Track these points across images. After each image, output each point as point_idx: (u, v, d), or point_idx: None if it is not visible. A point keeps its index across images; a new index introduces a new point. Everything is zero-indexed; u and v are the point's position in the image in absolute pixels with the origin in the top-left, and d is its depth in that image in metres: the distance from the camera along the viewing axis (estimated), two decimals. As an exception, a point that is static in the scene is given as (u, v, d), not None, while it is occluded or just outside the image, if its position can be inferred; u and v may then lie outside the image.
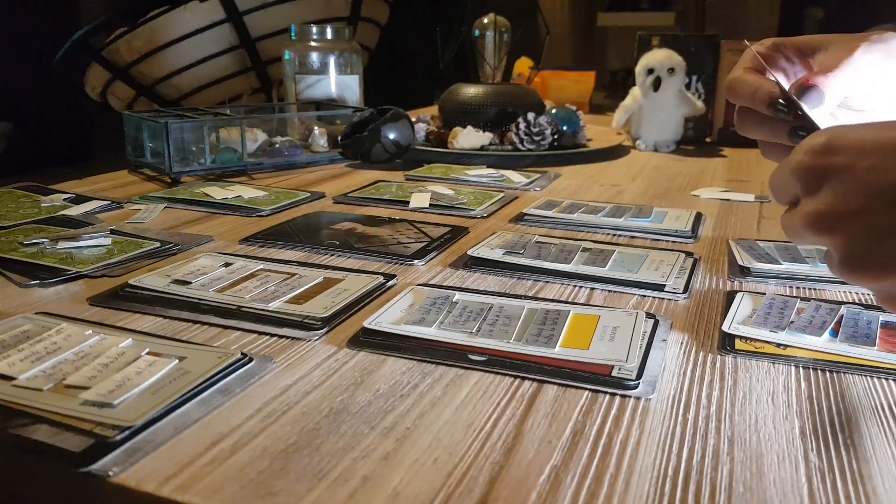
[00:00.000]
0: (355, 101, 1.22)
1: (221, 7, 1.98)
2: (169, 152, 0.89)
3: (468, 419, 0.36)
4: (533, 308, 0.49)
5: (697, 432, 0.35)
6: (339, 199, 0.83)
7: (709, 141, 1.28)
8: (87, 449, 0.32)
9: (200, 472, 0.31)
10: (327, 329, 0.46)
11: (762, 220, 0.76)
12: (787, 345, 0.44)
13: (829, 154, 0.34)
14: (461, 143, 1.10)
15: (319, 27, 1.20)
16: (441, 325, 0.46)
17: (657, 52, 1.15)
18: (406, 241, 0.65)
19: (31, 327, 0.45)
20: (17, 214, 0.73)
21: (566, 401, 0.38)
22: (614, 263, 0.59)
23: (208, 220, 0.74)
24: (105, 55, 2.08)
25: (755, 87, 0.44)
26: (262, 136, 1.06)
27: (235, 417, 0.36)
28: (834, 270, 0.35)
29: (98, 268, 0.57)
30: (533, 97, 1.20)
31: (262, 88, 2.14)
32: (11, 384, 0.37)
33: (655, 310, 0.51)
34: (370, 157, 0.99)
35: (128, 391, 0.36)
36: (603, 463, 0.32)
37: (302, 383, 0.39)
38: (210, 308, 0.49)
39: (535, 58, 1.56)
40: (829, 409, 0.37)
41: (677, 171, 1.03)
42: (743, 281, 0.57)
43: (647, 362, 0.42)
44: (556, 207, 0.77)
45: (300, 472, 0.31)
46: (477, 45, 1.24)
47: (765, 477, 0.31)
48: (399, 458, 0.32)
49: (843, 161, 0.33)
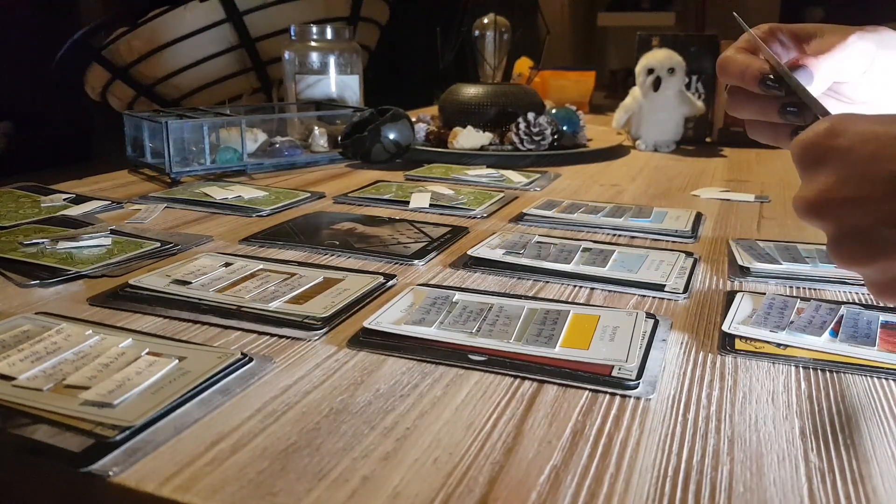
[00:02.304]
0: (355, 101, 1.22)
1: (221, 7, 1.98)
2: (169, 152, 0.89)
3: (468, 419, 0.36)
4: (533, 308, 0.49)
5: (697, 432, 0.35)
6: (339, 199, 0.83)
7: (709, 141, 1.28)
8: (87, 449, 0.32)
9: (200, 472, 0.31)
10: (327, 329, 0.46)
11: (762, 220, 0.76)
12: (787, 345, 0.44)
13: (833, 137, 0.34)
14: (461, 143, 1.10)
15: (319, 27, 1.20)
16: (441, 325, 0.46)
17: (657, 52, 1.15)
18: (406, 241, 0.65)
19: (31, 327, 0.45)
20: (17, 214, 0.73)
21: (566, 401, 0.38)
22: (614, 263, 0.59)
23: (208, 220, 0.74)
24: (105, 55, 2.08)
25: (745, 66, 0.44)
26: (262, 136, 1.06)
27: (235, 417, 0.36)
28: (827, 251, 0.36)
29: (98, 268, 0.57)
30: (533, 97, 1.20)
31: (262, 88, 2.14)
32: (11, 384, 0.37)
33: (655, 310, 0.51)
34: (370, 157, 0.99)
35: (128, 391, 0.36)
36: (603, 463, 0.32)
37: (302, 383, 0.39)
38: (210, 308, 0.49)
39: (535, 58, 1.56)
40: (829, 409, 0.37)
41: (677, 171, 1.03)
42: (743, 281, 0.57)
43: (647, 362, 0.42)
44: (556, 207, 0.77)
45: (300, 472, 0.31)
46: (477, 45, 1.24)
47: (765, 477, 0.31)
48: (399, 458, 0.32)
49: (845, 144, 0.34)
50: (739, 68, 0.45)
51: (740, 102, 0.46)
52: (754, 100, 0.45)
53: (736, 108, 0.47)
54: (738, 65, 0.45)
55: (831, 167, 0.34)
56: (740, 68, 0.45)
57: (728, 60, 0.46)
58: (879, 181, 0.32)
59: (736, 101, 0.46)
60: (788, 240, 0.67)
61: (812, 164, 0.35)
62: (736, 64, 0.45)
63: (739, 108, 0.46)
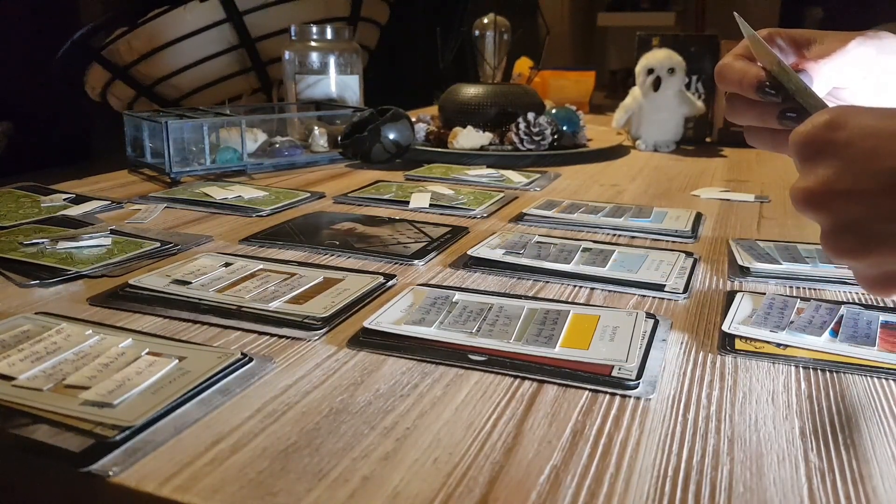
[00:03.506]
0: (355, 101, 1.22)
1: (221, 7, 1.98)
2: (169, 152, 0.89)
3: (468, 419, 0.36)
4: (533, 308, 0.49)
5: (697, 432, 0.35)
6: (339, 199, 0.83)
7: (709, 141, 1.28)
8: (87, 449, 0.32)
9: (200, 472, 0.31)
10: (327, 329, 0.46)
11: (762, 220, 0.76)
12: (787, 345, 0.44)
13: (833, 130, 0.34)
14: (461, 143, 1.10)
15: (319, 27, 1.20)
16: (441, 325, 0.46)
17: (657, 52, 1.15)
18: (406, 241, 0.65)
19: (31, 327, 0.45)
20: (17, 214, 0.73)
21: (566, 401, 0.38)
22: (614, 263, 0.59)
23: (208, 220, 0.74)
24: (105, 55, 2.08)
25: (743, 73, 0.44)
26: (262, 136, 1.06)
27: (235, 417, 0.36)
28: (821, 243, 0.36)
29: (98, 268, 0.57)
30: (533, 97, 1.20)
31: (262, 88, 2.14)
32: (11, 384, 0.37)
33: (655, 310, 0.51)
34: (370, 157, 0.99)
35: (128, 391, 0.36)
36: (603, 463, 0.32)
37: (302, 383, 0.39)
38: (210, 308, 0.49)
39: (535, 58, 1.56)
40: (829, 409, 0.37)
41: (677, 171, 1.03)
42: (743, 281, 0.57)
43: (647, 362, 0.42)
44: (556, 207, 0.77)
45: (300, 472, 0.31)
46: (477, 45, 1.24)
47: (765, 477, 0.31)
48: (399, 458, 0.32)
49: (845, 138, 0.34)
50: (737, 75, 0.45)
51: (739, 109, 0.46)
52: (753, 106, 0.45)
53: (735, 114, 0.47)
54: (735, 72, 0.45)
55: (830, 160, 0.34)
56: (738, 75, 0.45)
57: (726, 67, 0.46)
58: (877, 176, 0.32)
59: (734, 108, 0.47)
60: (788, 240, 0.67)
61: (811, 156, 0.35)
62: (734, 71, 0.45)
63: (738, 115, 0.46)
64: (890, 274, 0.34)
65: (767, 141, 0.47)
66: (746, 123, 0.47)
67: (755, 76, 0.44)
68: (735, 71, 0.45)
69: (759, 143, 0.47)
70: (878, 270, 0.34)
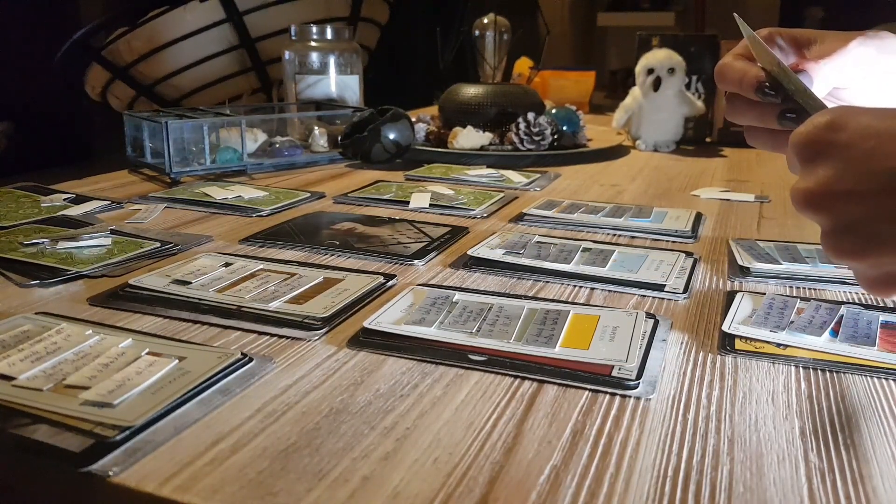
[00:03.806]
0: (355, 101, 1.22)
1: (221, 7, 1.98)
2: (169, 152, 0.89)
3: (468, 419, 0.36)
4: (533, 308, 0.49)
5: (697, 432, 0.35)
6: (339, 199, 0.83)
7: (709, 141, 1.28)
8: (87, 449, 0.32)
9: (200, 472, 0.31)
10: (327, 329, 0.46)
11: (762, 220, 0.76)
12: (787, 345, 0.44)
13: (833, 130, 0.34)
14: (461, 143, 1.10)
15: (319, 27, 1.20)
16: (441, 325, 0.46)
17: (657, 52, 1.15)
18: (406, 241, 0.65)
19: (31, 327, 0.45)
20: (17, 214, 0.73)
21: (566, 401, 0.38)
22: (614, 263, 0.59)
23: (208, 220, 0.74)
24: (105, 55, 2.08)
25: (743, 73, 0.44)
26: (262, 136, 1.06)
27: (235, 417, 0.36)
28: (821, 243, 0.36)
29: (98, 268, 0.57)
30: (533, 97, 1.20)
31: (262, 88, 2.14)
32: (11, 384, 0.37)
33: (655, 310, 0.51)
34: (370, 157, 0.99)
35: (128, 391, 0.36)
36: (603, 463, 0.32)
37: (302, 383, 0.39)
38: (210, 308, 0.49)
39: (535, 58, 1.56)
40: (829, 409, 0.37)
41: (677, 171, 1.03)
42: (743, 281, 0.57)
43: (647, 362, 0.42)
44: (556, 207, 0.77)
45: (300, 472, 0.31)
46: (477, 45, 1.24)
47: (765, 477, 0.31)
48: (399, 458, 0.32)
49: (845, 139, 0.34)
50: (737, 76, 0.45)
51: (739, 109, 0.46)
52: (753, 107, 0.45)
53: (734, 114, 0.47)
54: (735, 72, 0.45)
55: (830, 161, 0.34)
56: (738, 76, 0.45)
57: (725, 67, 0.46)
58: (878, 177, 0.32)
59: (734, 108, 0.47)
60: (788, 240, 0.67)
61: (812, 157, 0.35)
62: (733, 71, 0.45)
63: (738, 115, 0.47)
64: (890, 274, 0.34)
65: (767, 141, 0.47)
66: (746, 123, 0.47)
67: (755, 76, 0.44)
68: (735, 71, 0.45)
69: (759, 144, 0.47)
70: (878, 271, 0.35)
